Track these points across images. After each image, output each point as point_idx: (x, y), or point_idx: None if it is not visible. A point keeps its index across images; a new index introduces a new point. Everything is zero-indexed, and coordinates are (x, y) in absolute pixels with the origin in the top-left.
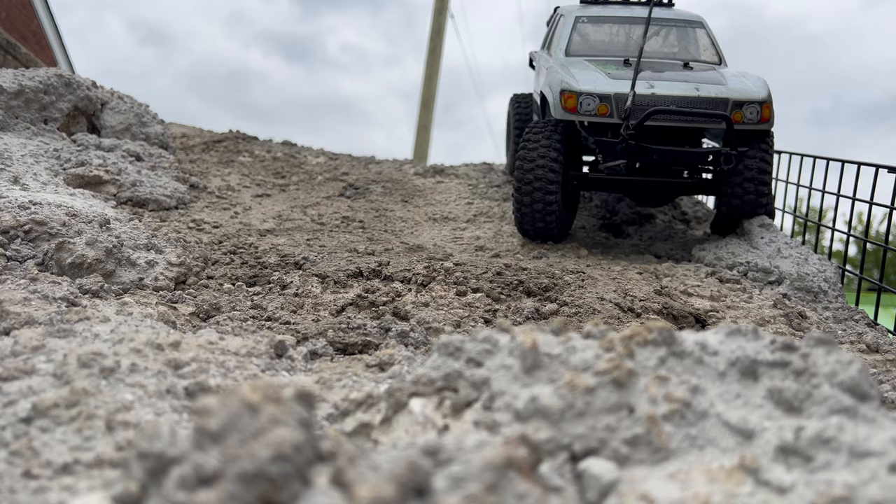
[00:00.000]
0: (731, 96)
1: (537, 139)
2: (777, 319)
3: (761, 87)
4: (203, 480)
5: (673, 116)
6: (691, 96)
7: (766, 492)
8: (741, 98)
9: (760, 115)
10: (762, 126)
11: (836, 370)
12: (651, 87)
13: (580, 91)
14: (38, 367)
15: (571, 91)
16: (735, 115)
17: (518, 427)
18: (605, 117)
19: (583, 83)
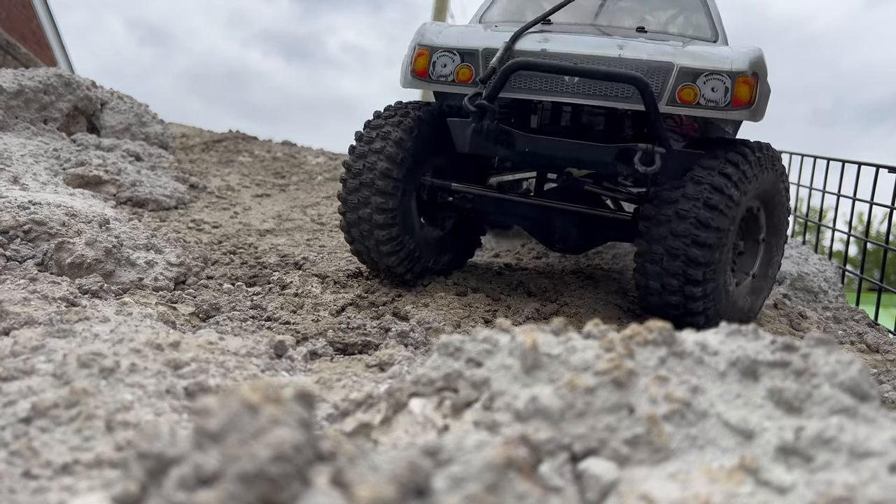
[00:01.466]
0: (679, 61)
1: (371, 135)
2: (777, 319)
3: (741, 56)
4: (203, 481)
5: (554, 86)
6: (606, 56)
7: (767, 492)
8: (695, 65)
9: (731, 95)
10: (734, 113)
11: (836, 370)
12: (544, 42)
13: (434, 45)
14: (37, 368)
15: (423, 46)
16: (682, 92)
17: (518, 427)
18: (469, 85)
19: (441, 36)
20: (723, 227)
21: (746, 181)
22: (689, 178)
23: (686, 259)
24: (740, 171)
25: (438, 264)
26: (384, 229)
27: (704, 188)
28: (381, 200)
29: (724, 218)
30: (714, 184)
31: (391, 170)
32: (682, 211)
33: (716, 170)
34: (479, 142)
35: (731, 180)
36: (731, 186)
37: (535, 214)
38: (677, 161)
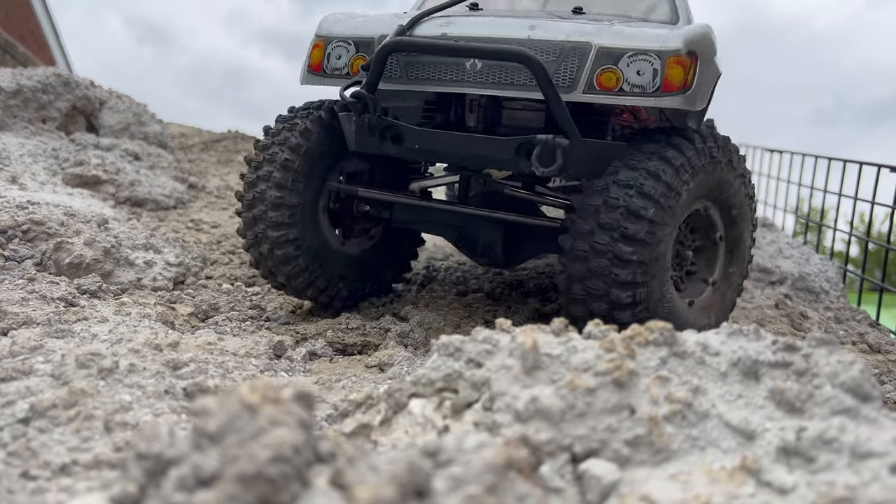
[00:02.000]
0: (599, 41)
1: (268, 141)
2: (779, 319)
3: (675, 33)
4: (202, 482)
5: (452, 75)
6: (512, 38)
7: (768, 493)
8: (617, 45)
9: (660, 78)
10: (665, 99)
11: (837, 371)
12: (446, 26)
13: (329, 36)
14: (36, 368)
15: (319, 37)
16: (602, 76)
17: (518, 428)
18: None
19: (339, 25)
20: (657, 221)
21: (691, 171)
22: (624, 164)
23: (613, 257)
24: (685, 157)
25: (366, 284)
26: (282, 247)
27: (639, 174)
28: (275, 215)
29: (659, 209)
30: (650, 169)
31: (283, 188)
32: (611, 199)
33: (655, 154)
34: (364, 138)
35: (671, 166)
36: (672, 173)
37: (458, 223)
38: (592, 156)
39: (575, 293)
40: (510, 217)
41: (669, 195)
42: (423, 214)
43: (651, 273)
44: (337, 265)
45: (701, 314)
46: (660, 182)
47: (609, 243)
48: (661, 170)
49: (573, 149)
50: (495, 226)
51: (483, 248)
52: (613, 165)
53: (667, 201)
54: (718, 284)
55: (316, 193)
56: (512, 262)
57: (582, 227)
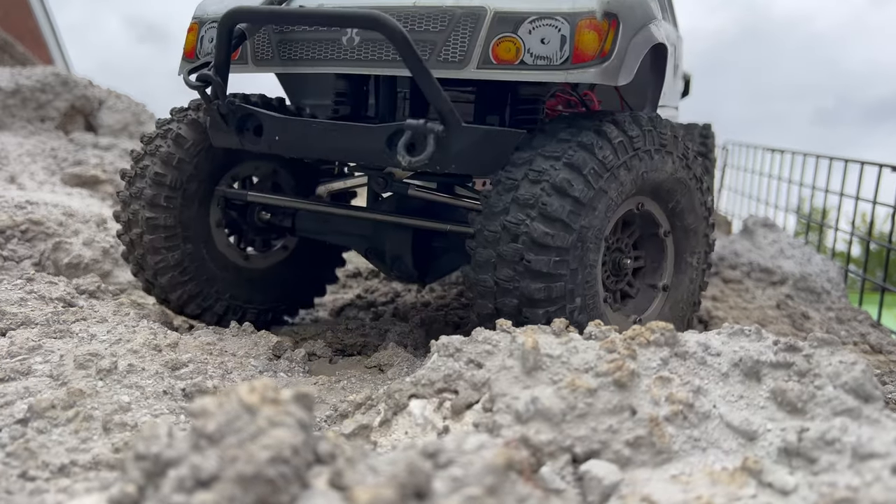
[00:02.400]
0: (495, 4)
1: (141, 151)
2: (780, 320)
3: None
4: (201, 482)
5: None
6: (395, 6)
7: (769, 493)
8: (516, 8)
9: (570, 47)
10: (576, 72)
11: (839, 371)
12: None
13: (204, 18)
14: (34, 368)
15: (195, 19)
16: (498, 47)
17: (519, 429)
18: (236, 63)
19: (215, 4)
20: (584, 200)
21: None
22: (553, 137)
23: (528, 239)
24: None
25: (279, 303)
26: (165, 273)
27: (570, 146)
28: (151, 238)
29: (588, 187)
30: (583, 141)
31: (156, 207)
32: (533, 172)
33: (592, 129)
34: (219, 130)
35: (609, 143)
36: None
37: (368, 232)
38: (479, 146)
39: (482, 285)
40: (419, 223)
41: (602, 174)
42: (328, 222)
43: (572, 266)
44: (240, 284)
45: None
46: (592, 157)
47: (524, 222)
48: (595, 143)
49: (452, 136)
50: (403, 233)
51: (392, 260)
52: (539, 138)
53: (598, 181)
54: (671, 291)
55: (203, 206)
56: (427, 276)
57: (495, 203)
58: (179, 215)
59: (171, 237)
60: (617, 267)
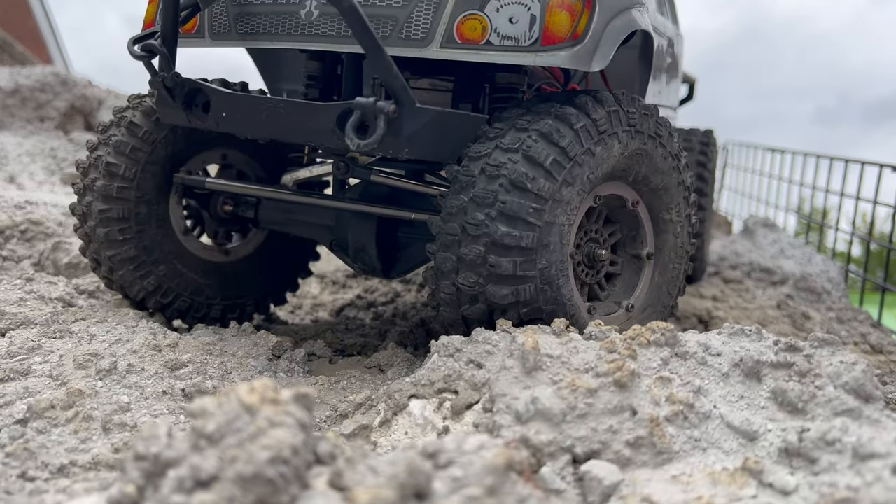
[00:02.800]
0: None
1: (95, 141)
2: (780, 320)
3: None
4: (200, 483)
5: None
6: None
7: (770, 494)
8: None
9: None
10: (546, 56)
11: (840, 371)
12: None
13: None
14: (34, 369)
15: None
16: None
17: (519, 429)
18: (196, 37)
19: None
20: (546, 195)
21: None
22: (511, 126)
23: (490, 241)
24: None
25: (245, 299)
26: (121, 267)
27: (529, 135)
28: (105, 232)
29: (550, 180)
30: (543, 130)
31: (109, 199)
32: (490, 167)
33: (551, 113)
34: (166, 106)
35: (571, 128)
36: (571, 137)
37: (331, 222)
38: (436, 129)
39: (445, 291)
40: (382, 211)
41: (565, 164)
42: (291, 213)
43: (540, 265)
44: (204, 279)
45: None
46: (553, 146)
47: (484, 222)
48: (555, 131)
49: (404, 118)
50: (366, 223)
51: (355, 252)
52: (497, 128)
53: (561, 172)
54: (657, 256)
55: (161, 197)
56: (393, 270)
57: (452, 203)
58: (134, 207)
59: (126, 230)
60: (592, 259)
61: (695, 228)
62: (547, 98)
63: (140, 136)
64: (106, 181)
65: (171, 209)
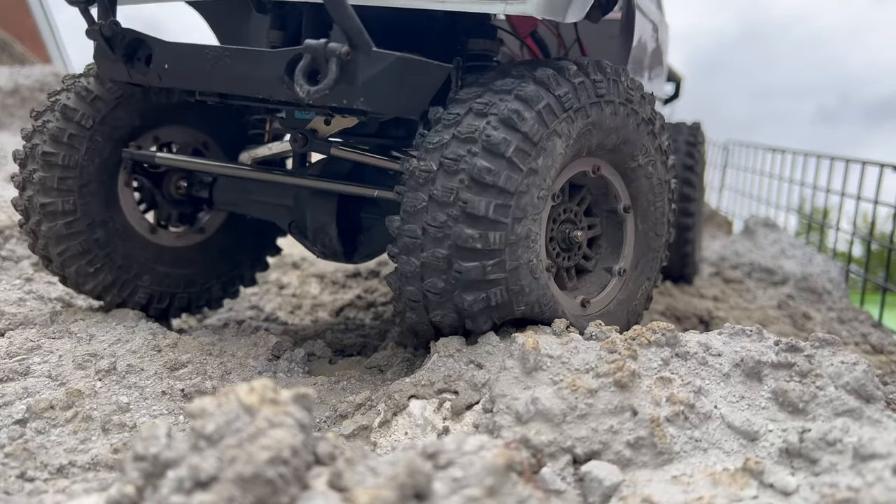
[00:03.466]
0: None
1: (30, 129)
2: (781, 320)
3: None
4: (199, 483)
5: None
6: None
7: (771, 494)
8: None
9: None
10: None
11: (840, 371)
12: None
13: None
14: (33, 369)
15: None
16: None
17: (519, 429)
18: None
19: None
20: (511, 188)
21: (566, 115)
22: (468, 106)
23: (453, 244)
24: (553, 95)
25: (203, 287)
26: (73, 263)
27: (488, 121)
28: (49, 227)
29: (514, 171)
30: (502, 114)
31: (50, 192)
32: (448, 160)
33: (511, 93)
34: (106, 59)
35: (531, 108)
36: (534, 119)
37: (290, 202)
38: (395, 78)
39: (410, 297)
40: (342, 188)
41: (530, 150)
42: (249, 191)
43: (510, 265)
44: (163, 268)
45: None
46: (514, 132)
47: (447, 223)
48: (516, 114)
49: (359, 62)
50: (326, 201)
51: (314, 233)
52: (453, 113)
53: (526, 159)
54: (628, 274)
55: (109, 183)
56: (356, 254)
57: (412, 201)
58: (79, 197)
59: (73, 223)
60: (569, 242)
61: (673, 202)
62: (505, 71)
63: (76, 120)
64: (45, 172)
65: (122, 192)
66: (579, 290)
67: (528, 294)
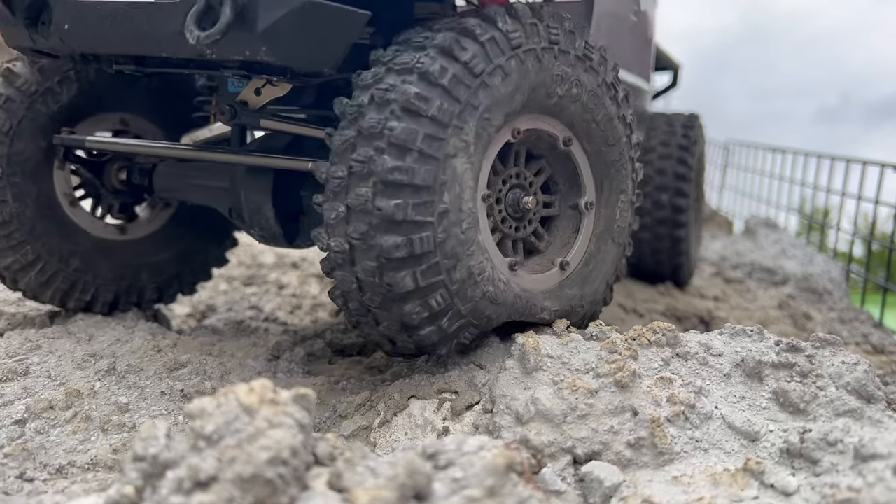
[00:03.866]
0: None
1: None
2: (782, 320)
3: None
4: (199, 484)
5: None
6: None
7: (771, 495)
8: None
9: None
10: None
11: (841, 372)
12: None
13: None
14: (32, 369)
15: None
16: None
17: (519, 430)
18: None
19: None
20: (435, 154)
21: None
22: (408, 44)
23: (379, 181)
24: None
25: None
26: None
27: (427, 52)
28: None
29: (435, 143)
30: (423, 69)
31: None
32: (367, 128)
33: (413, 71)
34: (9, 24)
35: (456, 60)
36: (459, 70)
37: (227, 184)
38: (303, 24)
39: (335, 249)
40: (277, 163)
41: (468, 82)
42: (188, 176)
43: (438, 208)
44: (107, 263)
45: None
46: (453, 62)
47: (372, 157)
48: (456, 44)
49: (259, 6)
50: (260, 179)
51: (250, 216)
52: (392, 50)
53: (464, 92)
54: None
55: (42, 175)
56: (298, 237)
57: (340, 140)
58: (13, 204)
59: (13, 234)
60: (517, 208)
61: (638, 176)
62: (413, 37)
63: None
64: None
65: (58, 187)
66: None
67: (459, 246)
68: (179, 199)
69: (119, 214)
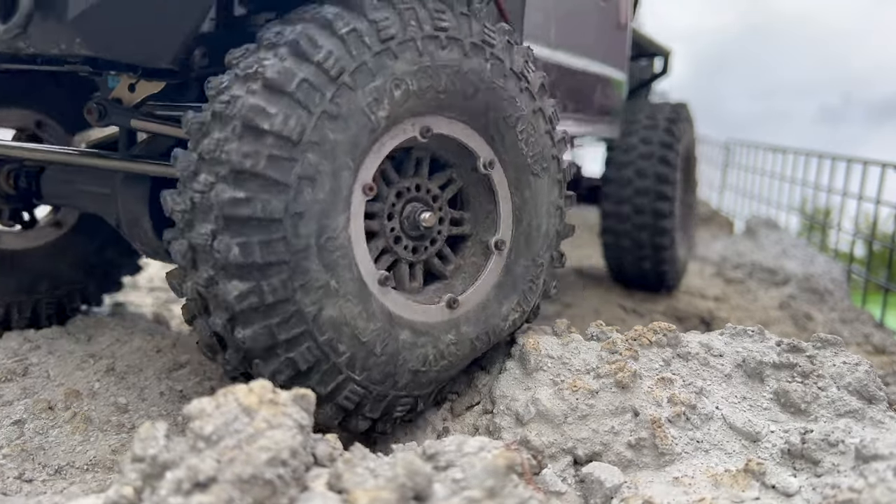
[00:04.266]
0: None
1: None
2: (783, 320)
3: None
4: (198, 484)
5: None
6: None
7: (772, 495)
8: None
9: None
10: None
11: (843, 372)
12: None
13: None
14: (32, 369)
15: None
16: None
17: (519, 431)
18: None
19: None
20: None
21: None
22: (260, 43)
23: (221, 216)
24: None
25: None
26: None
27: (276, 52)
28: None
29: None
30: (266, 74)
31: None
32: (226, 111)
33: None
34: None
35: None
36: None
37: (110, 190)
38: (130, 11)
39: (189, 296)
40: (151, 169)
41: (323, 88)
42: (74, 181)
43: (294, 246)
44: (10, 274)
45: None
46: (304, 63)
47: (213, 185)
48: (307, 40)
49: None
50: (136, 187)
51: (129, 226)
52: (243, 50)
53: (318, 100)
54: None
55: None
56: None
57: (184, 164)
58: None
59: None
60: (415, 226)
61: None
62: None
63: None
64: None
65: None
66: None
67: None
68: (68, 205)
69: (8, 221)
